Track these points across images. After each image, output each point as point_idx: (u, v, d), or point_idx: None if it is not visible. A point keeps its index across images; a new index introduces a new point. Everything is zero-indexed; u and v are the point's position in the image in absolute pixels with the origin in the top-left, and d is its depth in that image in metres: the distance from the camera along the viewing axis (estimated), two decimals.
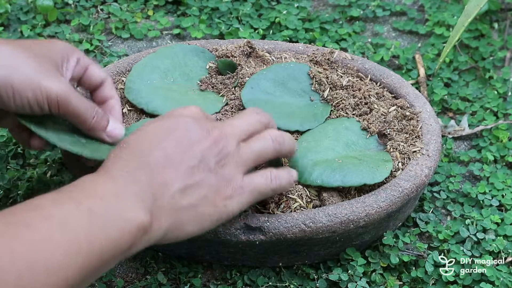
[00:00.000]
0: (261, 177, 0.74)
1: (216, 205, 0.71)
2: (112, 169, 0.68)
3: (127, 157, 0.69)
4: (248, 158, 0.73)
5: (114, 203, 0.65)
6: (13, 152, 0.97)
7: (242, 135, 0.74)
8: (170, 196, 0.68)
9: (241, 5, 1.18)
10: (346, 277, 0.83)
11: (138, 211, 0.66)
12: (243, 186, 0.73)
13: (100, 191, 0.65)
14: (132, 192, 0.66)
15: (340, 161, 0.85)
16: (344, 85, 0.93)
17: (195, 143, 0.71)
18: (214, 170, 0.71)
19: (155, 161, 0.69)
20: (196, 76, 0.95)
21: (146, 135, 0.71)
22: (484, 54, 1.12)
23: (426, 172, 0.85)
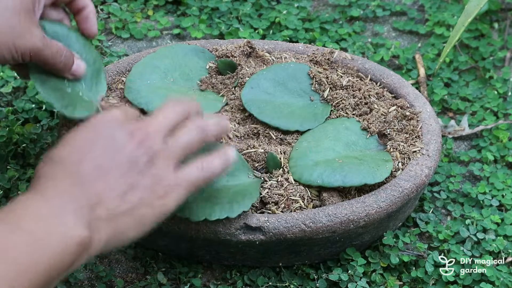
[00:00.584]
0: (193, 168, 0.73)
1: (153, 205, 0.70)
2: (45, 190, 0.68)
3: (57, 174, 0.69)
4: (176, 151, 0.73)
5: (52, 223, 0.65)
6: (13, 152, 0.97)
7: (165, 130, 0.73)
8: (106, 206, 0.68)
9: (241, 5, 1.18)
10: (346, 277, 0.83)
11: (77, 229, 0.65)
12: (177, 181, 0.72)
13: (36, 213, 0.65)
14: (69, 210, 0.66)
15: (340, 161, 0.85)
16: (344, 85, 0.93)
17: (121, 148, 0.70)
18: (145, 171, 0.70)
19: (86, 173, 0.68)
20: (196, 76, 0.95)
21: (72, 148, 0.70)
22: (484, 54, 1.12)
23: (426, 172, 0.85)
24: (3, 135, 0.97)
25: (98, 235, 0.67)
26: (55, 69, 0.84)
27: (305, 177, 0.83)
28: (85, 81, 0.88)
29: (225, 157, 0.76)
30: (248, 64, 0.95)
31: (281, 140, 0.89)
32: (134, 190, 0.69)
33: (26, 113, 1.01)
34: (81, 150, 0.70)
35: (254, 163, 0.86)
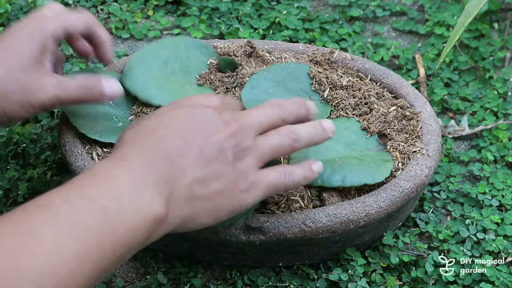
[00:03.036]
0: (276, 172, 0.74)
1: (232, 197, 0.70)
2: (129, 156, 0.67)
3: (144, 143, 0.68)
4: (264, 152, 0.73)
5: (129, 196, 0.64)
6: (13, 152, 0.97)
7: (260, 128, 0.73)
8: (188, 186, 0.68)
9: (241, 5, 1.18)
10: (346, 277, 0.83)
11: (154, 204, 0.65)
12: (259, 180, 0.72)
13: (115, 182, 0.64)
14: (149, 183, 0.65)
15: (340, 161, 0.84)
16: (344, 85, 0.93)
17: (213, 134, 0.70)
18: (232, 162, 0.70)
19: (173, 149, 0.68)
20: (196, 70, 0.95)
21: (163, 122, 0.71)
22: (484, 54, 1.12)
23: (426, 172, 0.85)
24: (3, 135, 0.97)
25: (174, 214, 0.67)
26: (84, 101, 0.83)
27: None
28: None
29: (309, 170, 0.76)
30: (249, 64, 0.95)
31: None
32: (217, 179, 0.69)
33: None
34: (172, 125, 0.70)
35: None
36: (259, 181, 0.72)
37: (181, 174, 0.68)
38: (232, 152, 0.70)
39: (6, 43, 0.80)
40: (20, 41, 0.80)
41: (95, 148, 0.87)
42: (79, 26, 0.84)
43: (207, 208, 0.69)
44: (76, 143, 0.86)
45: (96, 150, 0.87)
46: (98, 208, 0.62)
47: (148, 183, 0.65)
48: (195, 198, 0.68)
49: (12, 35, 0.81)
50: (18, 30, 0.81)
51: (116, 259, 0.62)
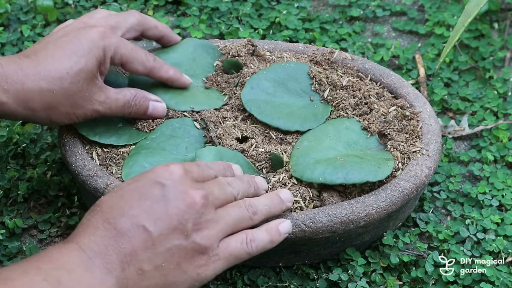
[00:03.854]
0: (237, 241, 0.72)
1: (188, 273, 0.69)
2: (81, 238, 0.67)
3: (97, 223, 0.68)
4: (225, 226, 0.71)
5: (82, 275, 0.64)
6: (13, 152, 0.97)
7: (221, 200, 0.72)
8: (139, 266, 0.67)
9: (241, 5, 1.18)
10: (346, 277, 0.83)
11: (105, 284, 0.65)
12: (218, 253, 0.71)
13: (67, 263, 0.65)
14: (99, 264, 0.65)
15: (342, 159, 0.84)
16: (344, 85, 0.93)
17: (171, 208, 0.69)
18: (190, 236, 0.69)
19: (124, 229, 0.67)
20: (203, 73, 0.95)
21: (119, 199, 0.69)
22: (484, 54, 1.12)
23: (426, 172, 0.85)
24: (3, 135, 0.97)
25: None
26: (129, 117, 0.87)
27: (307, 175, 0.83)
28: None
29: (275, 233, 0.75)
30: (253, 63, 0.95)
31: (281, 139, 0.89)
32: (172, 255, 0.68)
33: None
34: (128, 203, 0.69)
35: (255, 163, 0.86)
36: (218, 254, 0.71)
37: (131, 254, 0.67)
38: (192, 224, 0.69)
39: (67, 47, 0.81)
40: (82, 51, 0.81)
41: (95, 148, 0.87)
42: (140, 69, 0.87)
43: (162, 284, 0.68)
44: (76, 143, 0.86)
45: (96, 150, 0.87)
46: (54, 281, 0.62)
47: (98, 266, 0.65)
48: (147, 277, 0.67)
49: (74, 41, 0.82)
50: (82, 37, 0.82)
51: None
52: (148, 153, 0.85)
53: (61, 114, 0.82)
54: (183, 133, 0.88)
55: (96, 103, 0.83)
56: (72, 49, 0.81)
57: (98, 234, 0.67)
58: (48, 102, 0.80)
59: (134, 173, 0.83)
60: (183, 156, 0.85)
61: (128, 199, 0.69)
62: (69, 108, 0.82)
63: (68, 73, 0.80)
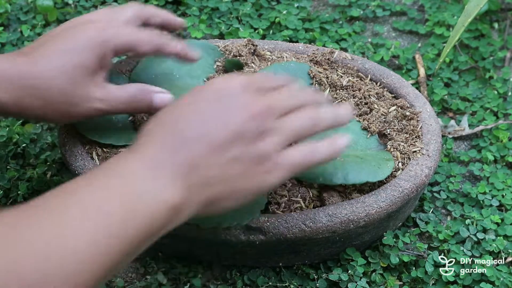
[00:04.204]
0: (300, 151, 0.72)
1: (254, 179, 0.69)
2: (143, 147, 0.67)
3: (159, 132, 0.68)
4: (287, 134, 0.71)
5: (146, 183, 0.64)
6: (13, 152, 0.97)
7: (282, 110, 0.72)
8: (206, 172, 0.67)
9: (241, 5, 1.18)
10: (346, 277, 0.83)
11: (171, 190, 0.64)
12: (282, 161, 0.70)
13: (132, 171, 0.64)
14: (165, 171, 0.65)
15: (341, 159, 0.84)
16: (344, 85, 0.93)
17: (232, 117, 0.69)
18: (252, 144, 0.69)
19: (189, 136, 0.67)
20: (203, 74, 0.95)
21: (180, 109, 0.70)
22: (484, 54, 1.12)
23: (426, 172, 0.85)
24: (3, 135, 0.97)
25: (193, 199, 0.66)
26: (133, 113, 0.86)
27: (307, 175, 0.83)
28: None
29: (333, 146, 0.74)
30: (254, 63, 0.95)
31: None
32: (237, 161, 0.68)
33: None
34: (189, 112, 0.69)
35: None
36: (282, 161, 0.70)
37: (197, 160, 0.67)
38: (252, 133, 0.69)
39: (63, 44, 0.80)
40: (78, 48, 0.80)
41: (95, 148, 0.87)
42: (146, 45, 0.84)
43: (227, 192, 0.68)
44: (76, 143, 0.86)
45: (96, 150, 0.87)
46: (117, 191, 0.62)
47: (163, 171, 0.65)
48: (213, 183, 0.67)
49: (70, 38, 0.81)
50: (78, 33, 0.81)
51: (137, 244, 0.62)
52: None
53: (57, 113, 0.80)
54: None
55: (95, 101, 0.81)
56: (67, 46, 0.80)
57: (161, 141, 0.67)
58: (43, 100, 0.79)
59: None
60: None
61: (190, 110, 0.69)
62: (66, 107, 0.80)
63: (62, 71, 0.79)
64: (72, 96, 0.80)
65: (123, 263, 0.62)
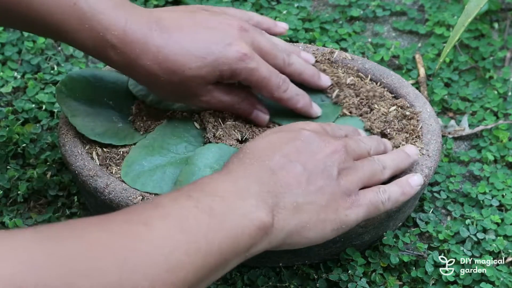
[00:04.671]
0: (373, 191, 0.75)
1: (336, 213, 0.72)
2: (234, 170, 0.70)
3: (249, 160, 0.71)
4: (364, 176, 0.75)
5: (235, 202, 0.65)
6: (13, 152, 0.97)
7: (355, 154, 0.76)
8: (293, 199, 0.69)
9: (241, 5, 1.18)
10: (346, 277, 0.83)
11: (259, 211, 0.66)
12: (360, 199, 0.74)
13: (220, 190, 0.66)
14: (253, 192, 0.67)
15: None
16: (348, 83, 0.93)
17: (316, 152, 0.73)
18: (336, 179, 0.72)
19: (277, 165, 0.70)
20: None
21: (267, 143, 0.73)
22: (484, 54, 1.12)
23: (426, 172, 0.85)
24: (3, 135, 0.97)
25: (280, 224, 0.68)
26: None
27: None
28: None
29: (407, 186, 0.79)
30: None
31: None
32: (322, 193, 0.71)
33: (26, 113, 1.01)
34: (276, 145, 0.72)
35: None
36: (360, 200, 0.74)
37: (286, 187, 0.69)
38: (337, 169, 0.73)
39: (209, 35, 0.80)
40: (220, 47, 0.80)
41: (95, 148, 0.87)
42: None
43: (313, 221, 0.70)
44: (76, 143, 0.86)
45: (96, 150, 0.87)
46: (205, 208, 0.63)
47: (252, 193, 0.67)
48: (300, 211, 0.69)
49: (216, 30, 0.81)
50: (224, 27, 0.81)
51: (222, 261, 0.63)
52: (148, 152, 0.85)
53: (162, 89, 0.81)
54: (183, 133, 0.88)
55: (198, 101, 0.83)
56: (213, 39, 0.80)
57: (252, 168, 0.70)
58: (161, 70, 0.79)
59: (133, 172, 0.83)
60: (183, 154, 0.85)
61: (277, 143, 0.73)
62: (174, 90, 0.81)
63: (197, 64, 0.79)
64: (187, 89, 0.81)
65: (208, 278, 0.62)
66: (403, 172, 0.82)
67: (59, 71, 1.07)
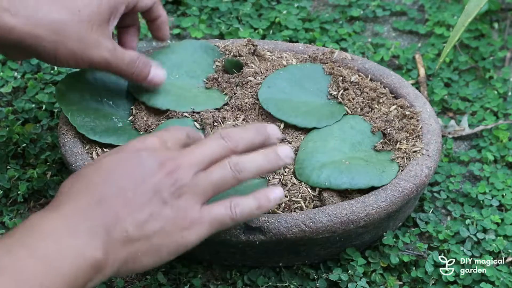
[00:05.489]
0: (220, 206, 0.71)
1: (172, 237, 0.69)
2: (62, 206, 0.67)
3: (78, 191, 0.68)
4: (205, 188, 0.71)
5: (67, 241, 0.64)
6: (13, 152, 0.97)
7: (201, 164, 0.71)
8: (123, 229, 0.67)
9: (241, 5, 1.18)
10: (346, 277, 0.83)
11: (91, 249, 0.65)
12: (202, 217, 0.70)
13: (51, 232, 0.65)
14: (84, 229, 0.65)
15: (347, 162, 0.84)
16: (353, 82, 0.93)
17: (147, 176, 0.69)
18: (169, 202, 0.69)
19: (106, 195, 0.68)
20: (203, 74, 0.95)
21: (98, 169, 0.70)
22: (484, 54, 1.12)
23: (426, 172, 0.85)
24: (3, 135, 0.97)
25: (112, 257, 0.66)
26: (129, 79, 0.86)
27: (313, 179, 0.83)
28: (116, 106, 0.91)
29: (264, 199, 0.73)
30: (254, 63, 0.95)
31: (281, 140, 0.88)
32: (155, 219, 0.68)
33: (26, 113, 1.01)
34: (106, 172, 0.69)
35: None
36: (202, 218, 0.70)
37: (115, 219, 0.67)
38: (168, 192, 0.69)
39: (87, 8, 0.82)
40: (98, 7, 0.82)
41: (95, 148, 0.87)
42: (150, 2, 0.88)
43: (146, 250, 0.68)
44: (76, 143, 0.86)
45: (96, 150, 0.87)
46: (39, 254, 0.62)
47: (83, 230, 0.65)
48: (132, 241, 0.67)
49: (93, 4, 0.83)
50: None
51: None
52: None
53: (67, 51, 0.81)
54: None
55: (104, 49, 0.83)
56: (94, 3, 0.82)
57: (79, 200, 0.67)
58: (57, 32, 0.80)
59: None
60: None
61: (108, 169, 0.70)
62: (77, 45, 0.81)
63: (80, 11, 0.81)
64: (86, 37, 0.81)
65: None
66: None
67: (59, 71, 1.07)
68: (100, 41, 0.82)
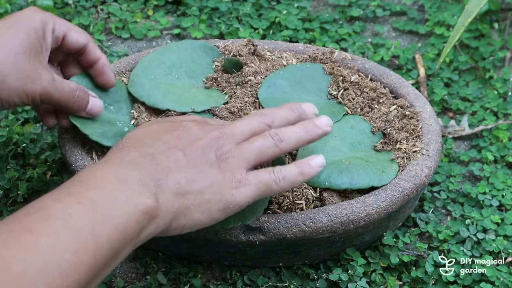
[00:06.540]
0: (265, 171, 0.73)
1: (221, 193, 0.71)
2: (112, 158, 0.69)
3: (129, 148, 0.71)
4: (249, 155, 0.73)
5: (116, 190, 0.65)
6: (13, 152, 0.97)
7: (241, 136, 0.74)
8: (175, 181, 0.69)
9: (241, 5, 1.18)
10: (346, 277, 0.83)
11: (142, 196, 0.65)
12: (248, 179, 0.72)
13: (100, 181, 0.65)
14: (134, 178, 0.66)
15: (347, 162, 0.84)
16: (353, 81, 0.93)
17: (194, 140, 0.72)
18: (216, 163, 0.71)
19: (157, 151, 0.70)
20: (202, 74, 0.95)
21: (147, 132, 0.73)
22: (484, 54, 1.12)
23: (426, 172, 0.85)
24: (3, 135, 0.97)
25: (164, 207, 0.67)
26: (69, 109, 0.84)
27: (313, 179, 0.83)
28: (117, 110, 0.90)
29: (306, 166, 0.75)
30: (253, 63, 0.95)
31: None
32: (204, 175, 0.70)
33: (26, 113, 1.01)
34: (156, 134, 0.73)
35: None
36: (248, 180, 0.72)
37: (167, 172, 0.69)
38: (215, 155, 0.72)
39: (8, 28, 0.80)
40: (22, 28, 0.80)
41: (95, 148, 0.87)
42: (81, 39, 0.85)
43: (197, 203, 0.70)
44: (76, 143, 0.86)
45: (96, 150, 0.87)
46: (87, 202, 0.62)
47: (133, 179, 0.66)
48: (183, 193, 0.69)
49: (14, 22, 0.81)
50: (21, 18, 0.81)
51: (113, 253, 0.63)
52: None
53: (10, 90, 0.79)
54: None
55: (44, 80, 0.80)
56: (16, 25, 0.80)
57: (130, 154, 0.70)
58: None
59: None
60: None
61: (157, 132, 0.73)
62: (19, 82, 0.79)
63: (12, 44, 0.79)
64: (25, 70, 0.79)
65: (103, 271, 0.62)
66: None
67: None
68: (40, 71, 0.80)
